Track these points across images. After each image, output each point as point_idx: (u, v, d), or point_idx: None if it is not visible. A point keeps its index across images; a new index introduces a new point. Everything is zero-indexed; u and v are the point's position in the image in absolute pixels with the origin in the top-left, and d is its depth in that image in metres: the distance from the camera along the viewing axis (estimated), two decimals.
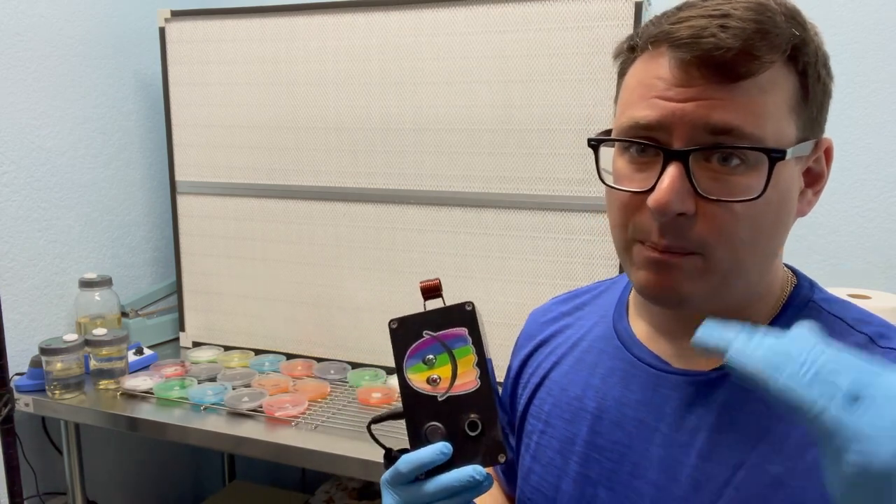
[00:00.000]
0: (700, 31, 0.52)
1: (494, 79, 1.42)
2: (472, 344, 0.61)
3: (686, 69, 0.53)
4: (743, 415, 0.57)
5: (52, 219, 1.65)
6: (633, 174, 0.57)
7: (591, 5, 1.33)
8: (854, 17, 1.47)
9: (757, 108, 0.52)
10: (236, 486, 2.07)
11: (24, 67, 1.56)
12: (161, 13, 1.69)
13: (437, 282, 0.65)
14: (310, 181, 1.62)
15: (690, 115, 0.53)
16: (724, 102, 0.52)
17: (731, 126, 0.52)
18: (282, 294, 1.69)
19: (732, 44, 0.51)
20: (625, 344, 0.67)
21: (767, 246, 0.57)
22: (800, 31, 0.54)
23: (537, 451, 0.70)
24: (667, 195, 0.53)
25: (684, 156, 0.53)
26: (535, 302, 0.84)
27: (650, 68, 0.56)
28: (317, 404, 1.42)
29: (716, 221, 0.54)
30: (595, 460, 0.64)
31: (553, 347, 0.75)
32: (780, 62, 0.53)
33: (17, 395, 1.48)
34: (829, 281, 1.53)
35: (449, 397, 0.60)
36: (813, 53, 0.55)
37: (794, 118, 0.55)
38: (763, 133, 0.52)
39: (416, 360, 0.62)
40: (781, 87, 0.53)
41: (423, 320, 0.63)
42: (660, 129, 0.54)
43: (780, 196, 0.55)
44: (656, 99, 0.54)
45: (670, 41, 0.53)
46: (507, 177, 1.44)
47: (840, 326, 0.60)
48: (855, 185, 1.51)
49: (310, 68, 1.57)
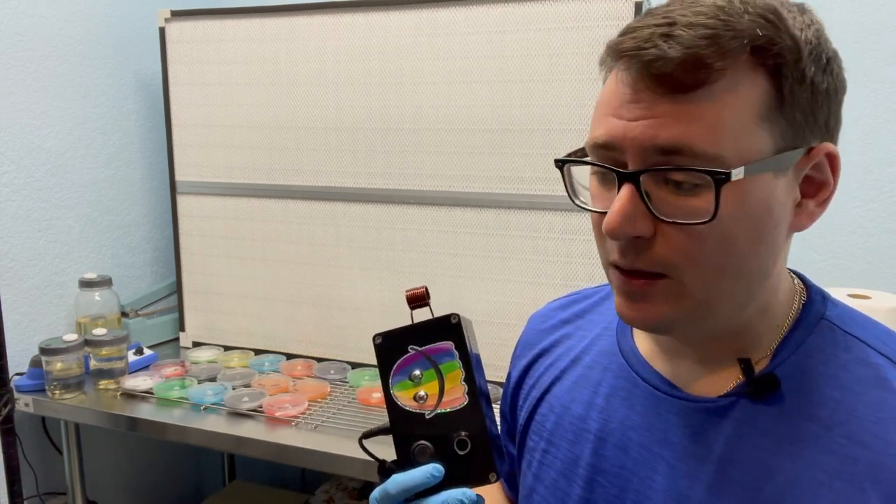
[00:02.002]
0: (642, 43, 0.49)
1: (494, 79, 1.42)
2: (459, 358, 0.59)
3: (633, 84, 0.50)
4: (752, 449, 0.55)
5: (52, 219, 1.65)
6: (602, 194, 0.55)
7: (591, 5, 1.33)
8: (854, 17, 1.47)
9: (711, 121, 0.48)
10: (236, 486, 2.07)
11: (24, 67, 1.56)
12: (161, 13, 1.69)
13: (424, 290, 0.62)
14: (310, 181, 1.61)
15: (640, 136, 0.50)
16: (671, 120, 0.49)
17: (679, 145, 0.49)
18: (282, 294, 1.69)
19: (674, 54, 0.47)
20: (629, 362, 0.65)
21: (750, 264, 0.53)
22: (768, 29, 0.49)
23: (540, 470, 0.69)
24: (616, 219, 0.51)
25: (635, 177, 0.50)
26: (535, 302, 0.84)
27: (611, 83, 0.53)
28: (317, 404, 1.42)
29: (677, 243, 0.51)
30: (599, 485, 0.63)
31: (554, 359, 0.73)
32: (743, 66, 0.49)
33: (17, 395, 1.48)
34: (829, 281, 1.53)
35: (437, 415, 0.58)
36: (791, 51, 0.50)
37: (765, 127, 0.50)
38: (718, 149, 0.48)
39: (402, 377, 0.60)
40: (744, 95, 0.49)
41: (408, 334, 0.61)
42: (614, 149, 0.52)
43: (755, 212, 0.51)
44: (611, 116, 0.52)
45: (617, 54, 0.51)
46: (507, 177, 1.44)
47: (857, 347, 0.56)
48: (855, 185, 1.51)
49: (310, 68, 1.57)
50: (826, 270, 1.55)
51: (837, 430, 0.53)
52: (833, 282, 1.53)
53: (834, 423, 0.53)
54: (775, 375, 0.55)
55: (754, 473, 0.54)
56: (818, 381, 0.55)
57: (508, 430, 0.80)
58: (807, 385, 0.55)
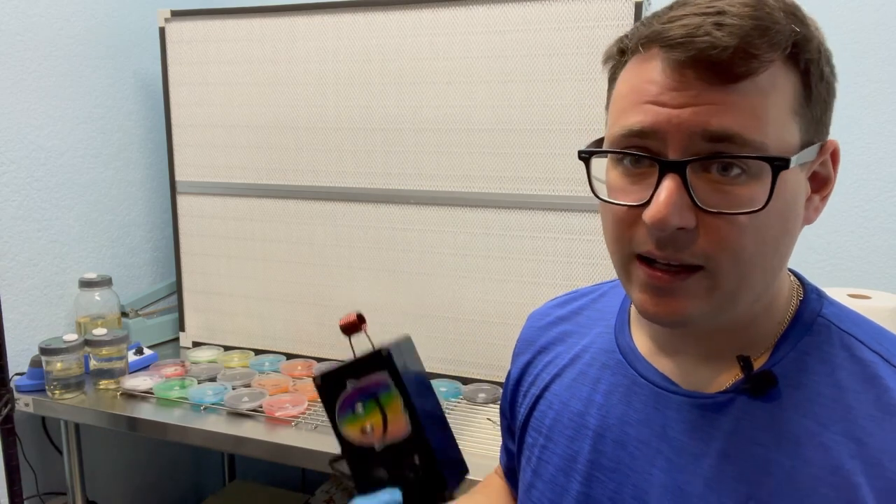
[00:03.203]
0: (694, 30, 0.49)
1: (494, 79, 1.42)
2: (396, 387, 0.61)
3: (680, 71, 0.50)
4: (750, 445, 0.55)
5: (52, 219, 1.65)
6: (627, 186, 0.54)
7: (591, 5, 1.33)
8: (854, 17, 1.47)
9: (758, 111, 0.49)
10: (236, 486, 2.07)
11: (24, 67, 1.56)
12: (161, 13, 1.69)
13: (356, 318, 0.64)
14: (310, 181, 1.62)
15: (686, 122, 0.49)
16: (722, 107, 0.49)
17: (730, 133, 0.49)
18: (282, 294, 1.69)
19: (729, 42, 0.48)
20: (627, 359, 0.65)
21: (773, 258, 0.54)
22: (800, 27, 0.51)
23: (538, 465, 0.69)
24: (664, 210, 0.49)
25: (681, 167, 0.50)
26: (535, 302, 0.84)
27: (642, 72, 0.52)
28: (317, 404, 1.42)
29: (719, 234, 0.50)
30: (597, 480, 0.63)
31: (553, 357, 0.73)
32: (780, 61, 0.50)
33: (17, 395, 1.48)
34: (829, 281, 1.53)
35: (385, 446, 0.61)
36: (815, 50, 0.52)
37: (797, 121, 0.51)
38: (765, 139, 0.49)
39: (347, 413, 0.62)
40: (782, 88, 0.50)
41: (346, 371, 0.63)
42: (654, 138, 0.51)
43: (786, 205, 0.52)
44: (649, 104, 0.51)
45: (662, 41, 0.50)
46: (507, 177, 1.44)
47: (853, 345, 0.57)
48: (855, 185, 1.51)
49: (310, 68, 1.57)
50: (826, 270, 1.55)
51: (833, 428, 0.53)
52: (833, 282, 1.53)
53: (830, 421, 0.54)
54: (773, 373, 0.56)
55: (752, 469, 0.55)
56: (815, 378, 0.56)
57: (508, 427, 0.80)
58: (804, 382, 0.56)
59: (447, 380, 1.52)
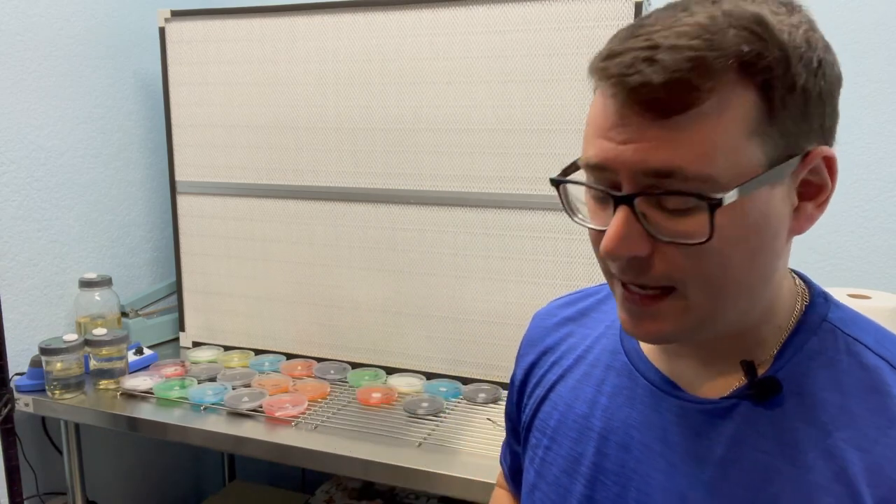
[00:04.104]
0: (626, 69, 0.48)
1: (494, 79, 1.42)
2: None
3: (620, 108, 0.50)
4: (752, 451, 0.55)
5: (52, 219, 1.65)
6: (598, 211, 0.55)
7: (591, 5, 1.33)
8: (854, 17, 1.47)
9: (702, 142, 0.48)
10: (236, 486, 2.07)
11: (24, 67, 1.56)
12: (161, 13, 1.69)
13: None
14: (310, 181, 1.62)
15: (630, 160, 0.50)
16: (661, 143, 0.48)
17: (670, 169, 0.48)
18: (282, 294, 1.69)
19: (659, 78, 0.47)
20: (632, 360, 0.65)
21: (750, 274, 0.53)
22: (755, 43, 0.48)
23: (542, 466, 0.69)
24: (612, 242, 0.51)
25: (630, 200, 0.51)
26: (536, 302, 0.84)
27: (598, 102, 0.53)
28: (317, 404, 1.42)
29: (678, 260, 0.51)
30: (601, 483, 0.63)
31: (557, 357, 0.73)
32: (730, 84, 0.48)
33: (17, 395, 1.48)
34: (829, 281, 1.53)
35: None
36: (780, 62, 0.48)
37: (757, 141, 0.49)
38: (711, 170, 0.48)
39: None
40: (733, 113, 0.48)
41: None
42: (608, 170, 0.52)
43: (752, 227, 0.51)
44: (601, 139, 0.52)
45: (603, 79, 0.51)
46: (507, 177, 1.44)
47: (858, 350, 0.56)
48: (855, 185, 1.51)
49: (310, 68, 1.57)
50: (826, 270, 1.55)
51: (837, 435, 0.53)
52: (833, 282, 1.53)
53: (834, 427, 0.53)
54: (777, 379, 0.56)
55: (754, 475, 0.54)
56: (819, 384, 0.55)
57: (513, 429, 0.80)
58: (808, 388, 0.55)
59: (447, 380, 1.52)
